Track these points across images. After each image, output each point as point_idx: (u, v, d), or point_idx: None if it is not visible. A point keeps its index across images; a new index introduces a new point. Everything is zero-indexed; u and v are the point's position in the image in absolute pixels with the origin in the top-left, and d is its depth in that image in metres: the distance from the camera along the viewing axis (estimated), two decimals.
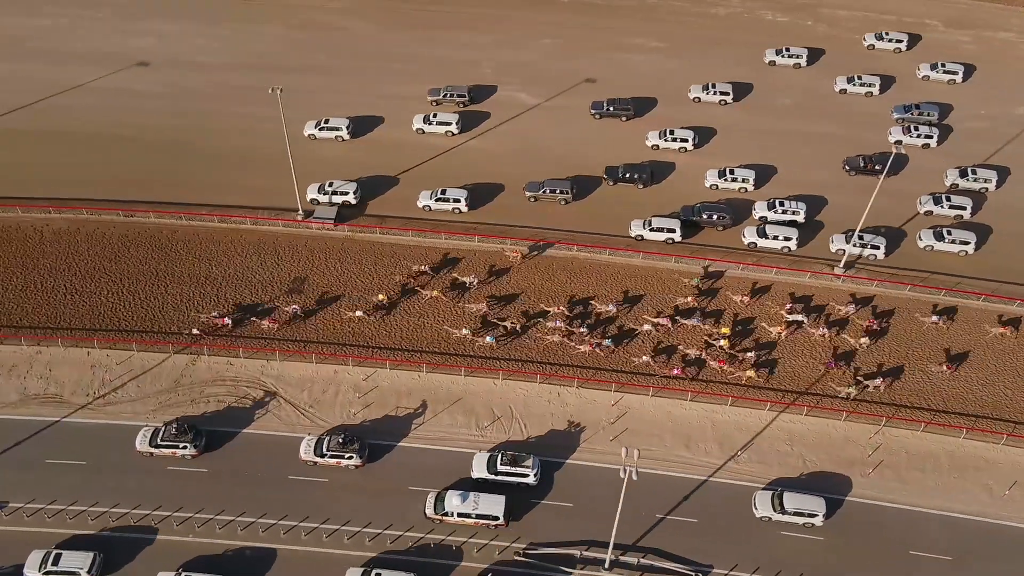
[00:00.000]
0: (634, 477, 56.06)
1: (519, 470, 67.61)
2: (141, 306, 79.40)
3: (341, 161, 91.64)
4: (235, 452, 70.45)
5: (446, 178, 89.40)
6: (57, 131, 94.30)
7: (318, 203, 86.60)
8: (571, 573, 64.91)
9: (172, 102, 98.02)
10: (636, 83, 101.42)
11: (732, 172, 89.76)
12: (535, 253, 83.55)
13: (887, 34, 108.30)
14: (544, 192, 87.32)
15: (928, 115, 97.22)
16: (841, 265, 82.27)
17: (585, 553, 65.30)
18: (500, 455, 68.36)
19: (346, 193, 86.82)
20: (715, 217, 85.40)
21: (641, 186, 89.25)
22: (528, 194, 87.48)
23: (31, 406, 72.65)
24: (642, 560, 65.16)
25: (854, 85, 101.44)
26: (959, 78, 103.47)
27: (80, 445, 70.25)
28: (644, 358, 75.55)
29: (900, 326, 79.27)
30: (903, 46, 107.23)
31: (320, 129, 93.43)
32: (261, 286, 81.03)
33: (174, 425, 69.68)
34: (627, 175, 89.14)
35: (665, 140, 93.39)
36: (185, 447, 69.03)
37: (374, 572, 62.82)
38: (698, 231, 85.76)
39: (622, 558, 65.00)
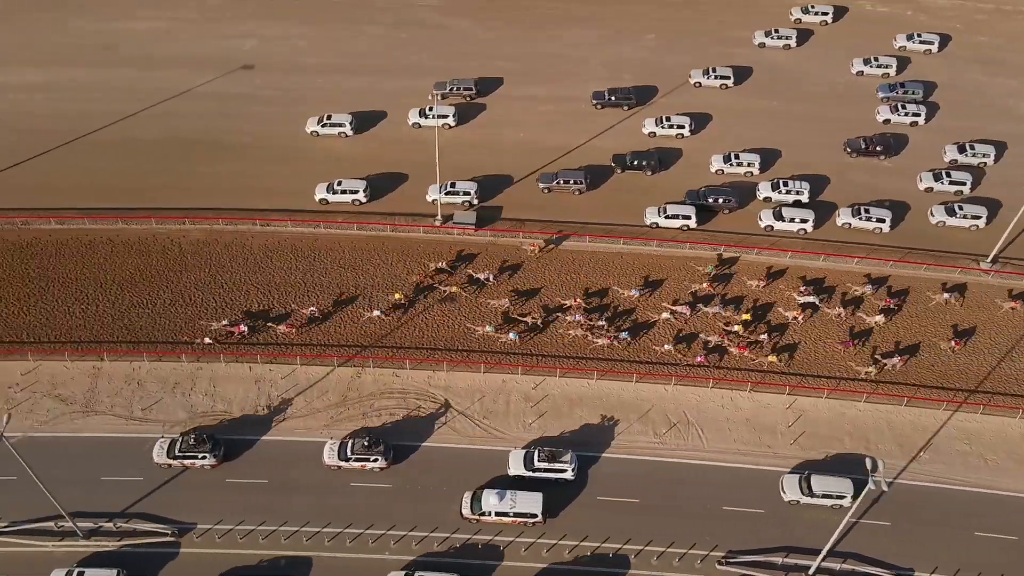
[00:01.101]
0: (885, 488, 55.01)
1: (557, 465, 67.65)
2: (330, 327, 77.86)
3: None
4: (418, 465, 69.82)
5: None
6: (173, 138, 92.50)
7: (327, 202, 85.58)
8: None
9: (284, 107, 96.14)
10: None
11: (737, 157, 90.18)
12: (551, 246, 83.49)
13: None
14: (558, 183, 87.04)
15: (913, 93, 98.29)
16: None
17: (786, 560, 65.27)
18: (537, 451, 68.36)
19: (356, 191, 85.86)
20: (721, 200, 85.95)
21: (650, 173, 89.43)
22: (542, 185, 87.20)
23: (201, 424, 71.35)
24: (843, 565, 65.25)
25: (871, 67, 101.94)
26: (935, 48, 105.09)
27: (261, 464, 69.33)
28: (666, 347, 76.10)
29: (914, 304, 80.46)
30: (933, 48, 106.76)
31: (323, 126, 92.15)
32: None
33: (192, 435, 68.69)
34: (635, 162, 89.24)
35: (662, 127, 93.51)
36: (204, 457, 68.24)
37: (416, 574, 62.74)
38: (713, 216, 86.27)
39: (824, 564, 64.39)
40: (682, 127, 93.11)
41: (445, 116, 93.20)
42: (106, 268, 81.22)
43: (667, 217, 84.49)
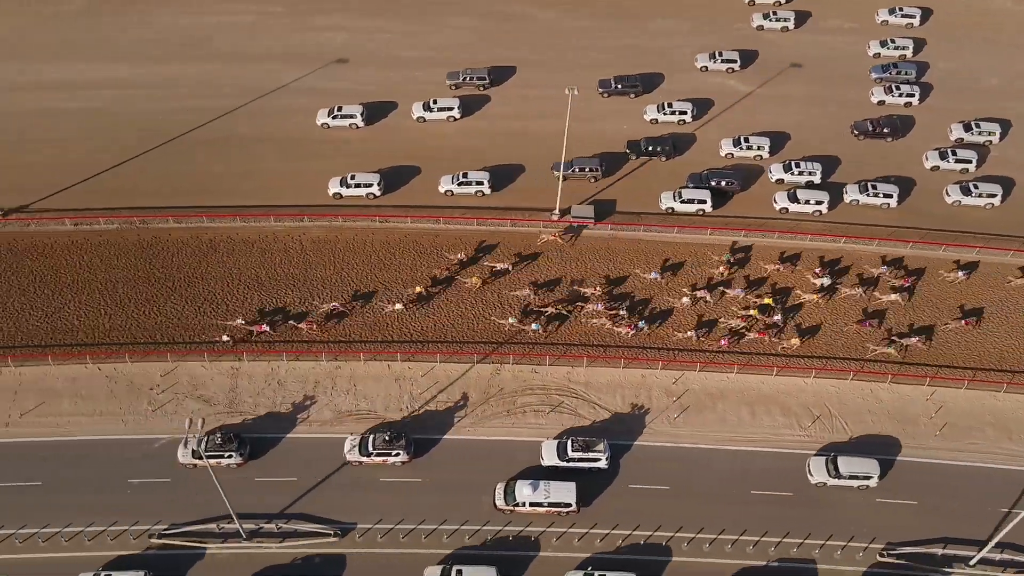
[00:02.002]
0: None
1: (591, 455, 67.91)
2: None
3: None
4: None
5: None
6: (273, 135, 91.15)
7: (340, 196, 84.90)
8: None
9: (387, 100, 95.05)
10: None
11: (747, 140, 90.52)
12: (570, 235, 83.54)
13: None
14: (574, 171, 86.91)
15: (906, 74, 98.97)
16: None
17: (945, 552, 65.67)
18: (571, 441, 68.50)
19: (370, 185, 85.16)
20: (724, 183, 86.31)
21: (664, 158, 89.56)
22: (557, 174, 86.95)
23: (347, 423, 70.70)
24: (1002, 556, 65.63)
25: (888, 49, 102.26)
26: (916, 21, 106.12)
27: (447, 462, 69.63)
28: (688, 333, 76.50)
29: (929, 284, 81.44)
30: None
31: (333, 117, 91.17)
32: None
33: (218, 435, 68.24)
34: (650, 148, 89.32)
35: (663, 113, 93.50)
36: (230, 456, 67.87)
37: (454, 569, 62.68)
38: (727, 199, 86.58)
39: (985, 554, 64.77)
40: (684, 113, 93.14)
41: (450, 108, 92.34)
42: (230, 266, 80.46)
43: (683, 202, 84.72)
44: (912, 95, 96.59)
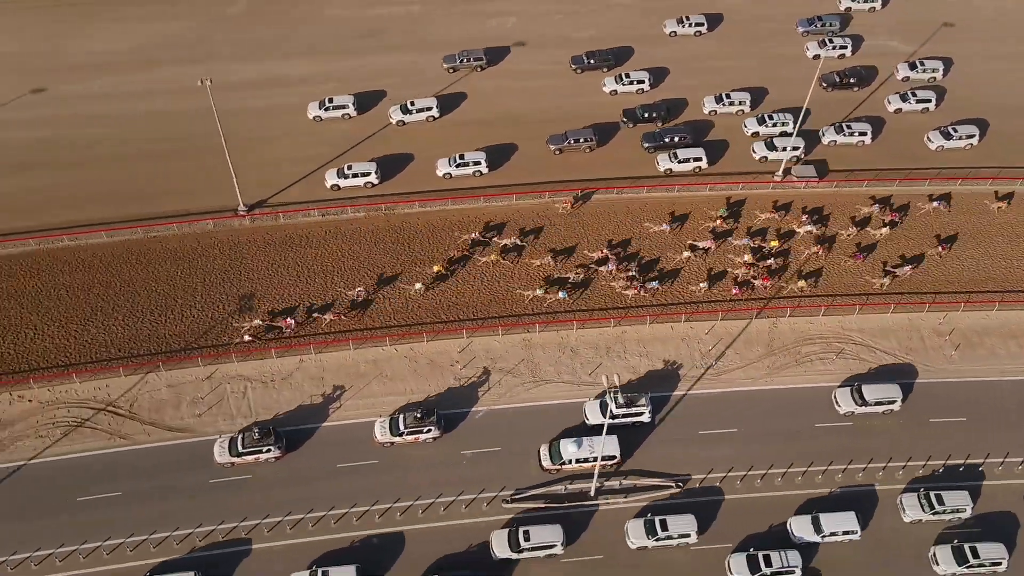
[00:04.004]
0: None
1: (635, 410, 70.42)
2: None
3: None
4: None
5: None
6: (486, 118, 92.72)
7: (339, 188, 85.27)
8: None
9: (573, 81, 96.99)
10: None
11: (728, 96, 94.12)
12: (581, 203, 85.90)
13: None
14: (568, 143, 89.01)
15: (830, 25, 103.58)
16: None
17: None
18: (614, 397, 70.55)
19: (367, 174, 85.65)
20: (676, 139, 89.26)
21: (660, 124, 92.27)
22: (552, 147, 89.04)
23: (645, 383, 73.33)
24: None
25: (857, 2, 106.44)
26: None
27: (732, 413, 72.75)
28: (701, 285, 79.63)
29: (915, 218, 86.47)
30: None
31: (325, 109, 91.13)
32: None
33: (256, 430, 68.50)
34: (645, 115, 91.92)
35: (622, 84, 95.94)
36: (269, 450, 68.17)
37: (521, 530, 64.64)
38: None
39: None
40: (642, 82, 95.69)
41: (429, 108, 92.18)
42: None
43: (680, 162, 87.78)
44: (845, 47, 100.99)
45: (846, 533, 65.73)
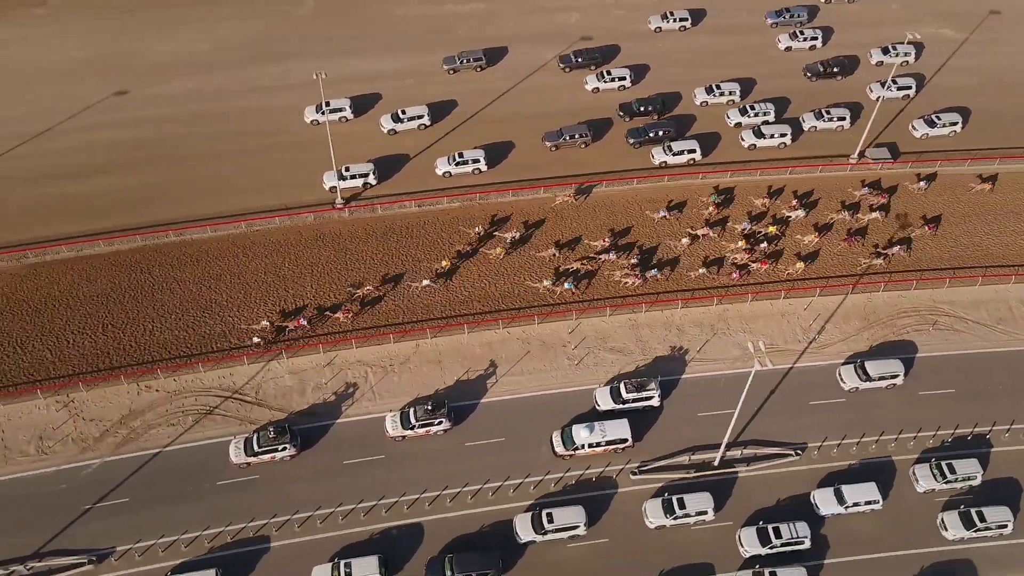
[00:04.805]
0: None
1: (645, 394, 72.01)
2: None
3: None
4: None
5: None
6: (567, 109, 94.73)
7: (336, 189, 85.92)
8: None
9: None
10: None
11: (719, 87, 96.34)
12: (583, 196, 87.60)
13: None
14: (564, 139, 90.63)
15: (798, 17, 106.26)
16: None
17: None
18: (623, 384, 72.47)
19: (366, 175, 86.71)
20: (661, 133, 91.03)
21: (656, 116, 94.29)
22: (548, 144, 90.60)
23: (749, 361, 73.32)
24: None
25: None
26: None
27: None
28: (700, 270, 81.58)
29: (903, 199, 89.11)
30: None
31: (322, 113, 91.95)
32: None
33: (270, 429, 69.00)
34: (641, 108, 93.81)
35: (603, 81, 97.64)
36: (284, 448, 68.69)
37: (544, 513, 65.81)
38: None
39: None
40: (623, 79, 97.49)
41: (420, 116, 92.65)
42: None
43: (674, 154, 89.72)
44: (816, 38, 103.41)
45: (868, 503, 67.74)
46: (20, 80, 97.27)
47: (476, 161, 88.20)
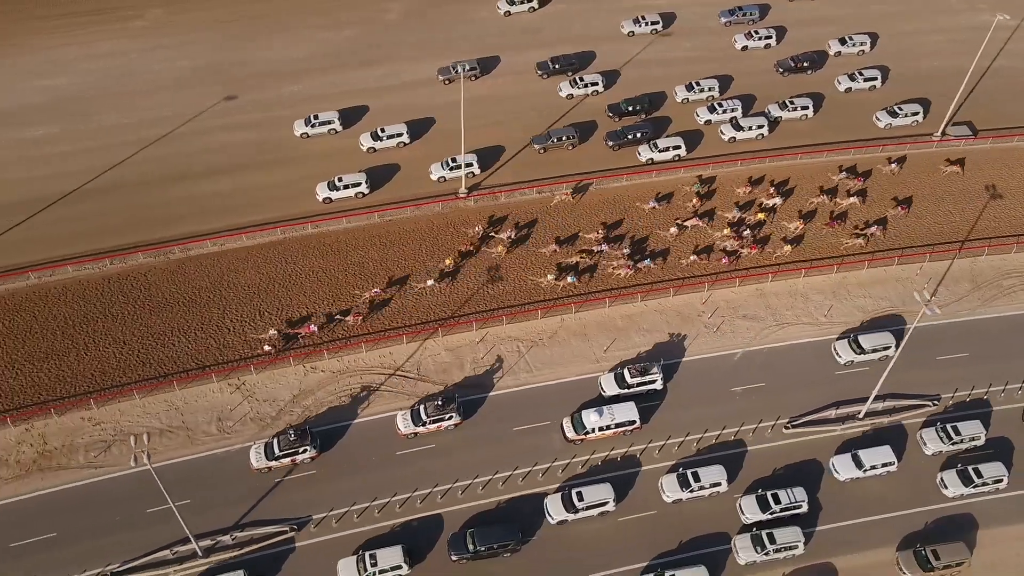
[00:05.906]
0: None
1: (648, 378, 74.51)
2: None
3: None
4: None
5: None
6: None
7: (331, 200, 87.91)
8: None
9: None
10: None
11: (698, 84, 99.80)
12: (579, 195, 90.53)
13: None
14: (552, 141, 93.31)
15: (750, 15, 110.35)
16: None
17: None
18: (627, 370, 74.88)
19: (359, 184, 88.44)
20: (638, 135, 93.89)
21: (644, 116, 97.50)
22: (537, 147, 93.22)
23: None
24: None
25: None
26: None
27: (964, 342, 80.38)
28: (692, 258, 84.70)
29: (876, 181, 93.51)
30: None
31: (311, 126, 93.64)
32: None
33: (290, 432, 69.94)
34: (630, 108, 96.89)
35: (577, 87, 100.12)
36: (306, 450, 69.68)
37: (574, 492, 67.82)
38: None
39: None
40: (596, 84, 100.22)
41: (399, 135, 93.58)
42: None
43: (660, 151, 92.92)
44: (770, 37, 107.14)
45: (884, 466, 70.93)
46: (133, 88, 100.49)
47: (469, 165, 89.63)
